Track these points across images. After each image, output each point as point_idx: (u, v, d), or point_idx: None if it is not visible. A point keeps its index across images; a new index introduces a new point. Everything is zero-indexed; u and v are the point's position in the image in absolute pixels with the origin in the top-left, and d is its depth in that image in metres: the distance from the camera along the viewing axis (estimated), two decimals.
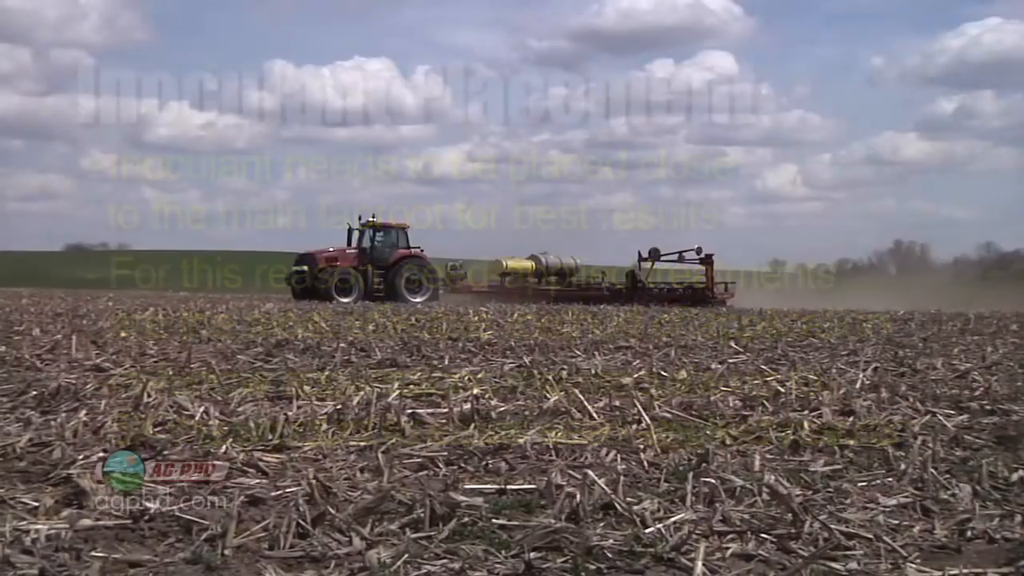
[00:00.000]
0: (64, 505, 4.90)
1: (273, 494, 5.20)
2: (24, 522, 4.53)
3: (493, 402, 8.26)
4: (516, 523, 4.76)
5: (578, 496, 4.88)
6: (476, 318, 21.94)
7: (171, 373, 10.00)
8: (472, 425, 7.26)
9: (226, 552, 4.28)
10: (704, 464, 5.87)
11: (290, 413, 7.33)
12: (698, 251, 40.69)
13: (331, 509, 4.69)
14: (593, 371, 10.63)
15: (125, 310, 22.90)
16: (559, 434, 6.98)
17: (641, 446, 6.57)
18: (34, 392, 8.22)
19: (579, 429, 7.27)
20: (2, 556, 4.01)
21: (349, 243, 37.59)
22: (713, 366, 11.53)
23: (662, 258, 41.38)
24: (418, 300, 35.42)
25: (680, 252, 41.31)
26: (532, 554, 4.30)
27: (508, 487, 5.40)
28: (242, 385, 9.25)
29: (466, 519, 4.77)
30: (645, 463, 6.11)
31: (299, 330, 16.41)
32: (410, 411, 7.60)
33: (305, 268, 36.34)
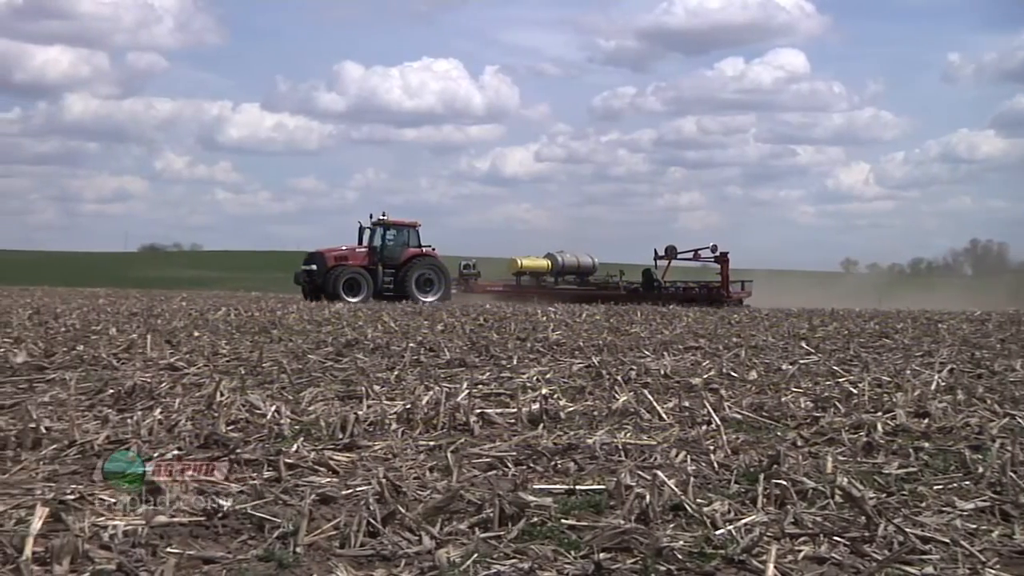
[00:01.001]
0: (140, 501, 4.97)
1: (344, 493, 5.24)
2: (102, 518, 4.61)
3: (562, 402, 8.26)
4: (585, 523, 4.75)
5: (648, 497, 4.86)
6: (544, 318, 21.93)
7: (243, 372, 10.13)
8: (541, 425, 7.26)
9: (298, 550, 4.33)
10: (775, 465, 5.80)
11: (360, 412, 7.38)
12: (713, 249, 39.78)
13: (401, 508, 4.72)
14: (662, 371, 10.57)
15: (198, 310, 23.24)
16: (628, 435, 6.96)
17: (711, 447, 6.53)
18: (111, 390, 8.38)
19: (648, 430, 7.24)
20: (82, 551, 4.09)
21: (360, 242, 36.60)
22: (784, 367, 11.41)
23: (678, 256, 40.48)
24: (429, 299, 34.43)
25: (695, 250, 40.48)
26: (602, 555, 4.29)
27: (577, 487, 5.39)
28: (313, 384, 9.35)
29: (535, 519, 4.77)
30: (715, 464, 6.06)
31: (369, 330, 16.53)
32: (479, 411, 7.62)
33: (314, 267, 35.60)
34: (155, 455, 5.84)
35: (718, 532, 4.60)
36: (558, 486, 5.46)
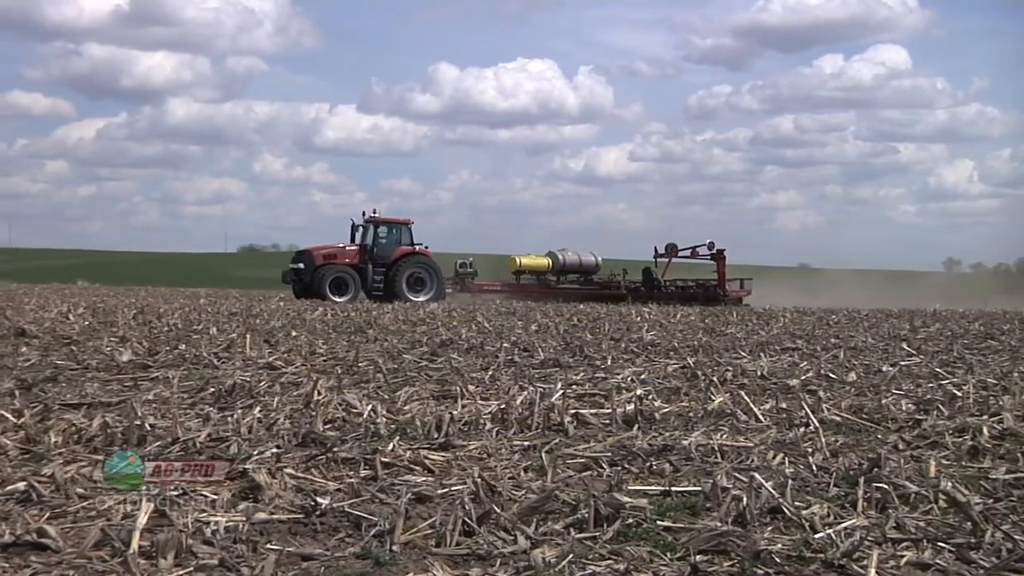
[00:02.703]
0: (241, 498, 5.07)
1: (439, 492, 5.27)
2: (204, 514, 4.71)
3: (657, 403, 8.21)
4: (681, 525, 4.71)
5: (745, 499, 4.80)
6: (639, 318, 21.82)
7: (340, 372, 10.26)
8: (636, 426, 7.22)
9: (394, 548, 4.36)
10: (876, 469, 5.68)
11: (455, 412, 7.42)
12: (710, 246, 39.04)
13: (496, 508, 4.73)
14: (759, 373, 10.44)
15: (296, 310, 23.60)
16: (724, 436, 6.88)
17: (809, 449, 6.42)
18: (212, 389, 8.55)
19: (745, 431, 7.15)
20: (185, 546, 4.18)
21: (353, 239, 35.80)
22: (884, 368, 11.19)
23: (679, 254, 39.66)
24: (420, 299, 33.45)
25: (693, 247, 39.69)
26: (698, 557, 4.24)
27: (673, 489, 5.35)
28: (408, 384, 9.42)
29: (630, 520, 4.74)
30: (814, 467, 5.96)
31: (463, 330, 16.62)
32: (573, 411, 7.61)
33: (301, 265, 34.81)
34: (255, 453, 5.94)
35: (817, 536, 4.52)
36: (653, 487, 5.42)
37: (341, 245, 35.62)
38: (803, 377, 10.17)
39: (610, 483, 5.47)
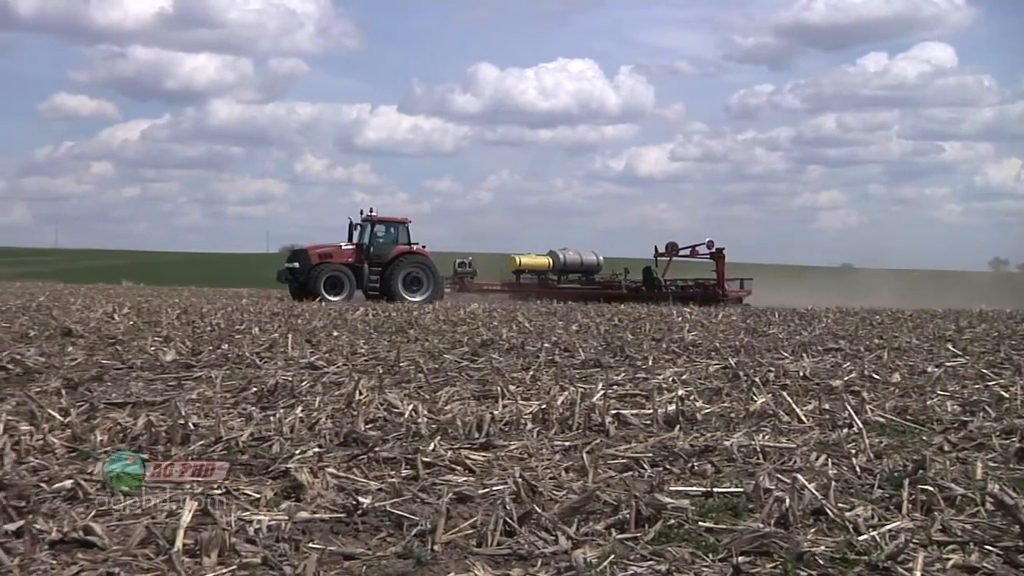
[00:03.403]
0: (283, 497, 5.10)
1: (480, 492, 5.27)
2: (247, 512, 4.74)
3: (698, 404, 8.17)
4: (723, 526, 4.68)
5: (787, 500, 4.76)
6: (680, 319, 21.74)
7: (381, 371, 10.29)
8: (677, 426, 7.20)
9: (435, 548, 4.37)
10: (921, 471, 5.62)
11: (496, 412, 7.42)
12: (709, 245, 38.68)
13: (537, 508, 4.72)
14: (801, 373, 10.36)
15: (337, 310, 23.70)
16: (766, 437, 6.84)
17: (853, 451, 6.36)
18: (254, 388, 8.61)
19: (787, 432, 7.10)
20: (229, 544, 4.21)
21: (350, 238, 35.29)
22: (929, 369, 11.07)
23: (679, 253, 39.22)
24: (417, 299, 32.95)
25: (692, 246, 39.31)
26: (740, 558, 4.22)
27: (715, 490, 5.32)
28: (449, 384, 9.44)
29: (672, 521, 4.72)
30: (857, 468, 5.91)
31: (504, 330, 16.62)
32: (614, 412, 7.59)
33: (297, 265, 34.42)
34: (297, 452, 5.98)
35: (861, 538, 4.48)
36: (695, 488, 5.40)
37: (337, 244, 35.33)
38: (846, 378, 10.08)
39: (651, 484, 5.45)
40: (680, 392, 8.42)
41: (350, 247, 35.18)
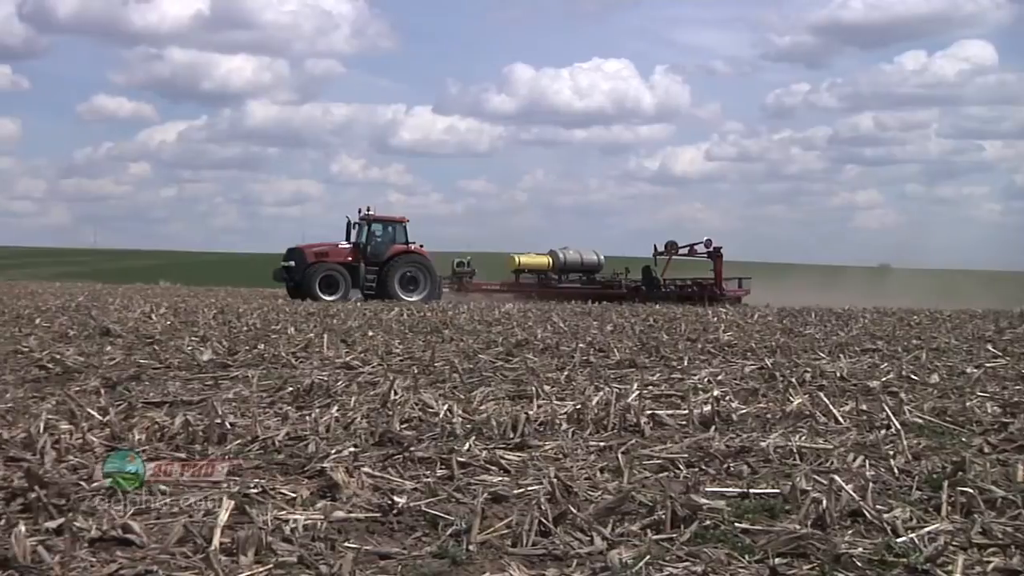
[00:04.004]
0: (319, 497, 5.12)
1: (515, 492, 5.27)
2: (283, 512, 4.76)
3: (734, 404, 8.13)
4: (759, 528, 4.65)
5: (824, 502, 4.73)
6: (715, 319, 21.64)
7: (416, 371, 10.32)
8: (713, 427, 7.16)
9: (471, 547, 4.37)
10: (960, 472, 5.56)
11: (531, 412, 7.42)
12: (707, 244, 38.45)
13: (572, 508, 4.72)
14: (838, 374, 10.30)
15: (372, 310, 23.79)
16: (803, 438, 6.79)
17: (890, 452, 6.31)
18: (290, 388, 8.65)
19: (824, 433, 7.05)
20: (265, 543, 4.23)
21: (348, 237, 35.09)
22: (968, 370, 10.96)
23: (678, 252, 39.02)
24: (414, 299, 32.72)
25: (691, 245, 39.10)
26: (777, 560, 4.20)
27: (751, 491, 5.29)
28: (484, 384, 9.45)
29: (708, 522, 4.70)
30: (895, 470, 5.86)
31: (538, 330, 16.62)
32: (649, 412, 7.57)
33: (292, 263, 34.23)
34: (332, 452, 6.00)
35: (899, 540, 4.44)
36: (731, 489, 5.37)
37: (334, 243, 35.23)
38: (884, 378, 10.00)
39: (687, 484, 5.43)
40: (716, 392, 8.38)
41: (347, 246, 35.03)
